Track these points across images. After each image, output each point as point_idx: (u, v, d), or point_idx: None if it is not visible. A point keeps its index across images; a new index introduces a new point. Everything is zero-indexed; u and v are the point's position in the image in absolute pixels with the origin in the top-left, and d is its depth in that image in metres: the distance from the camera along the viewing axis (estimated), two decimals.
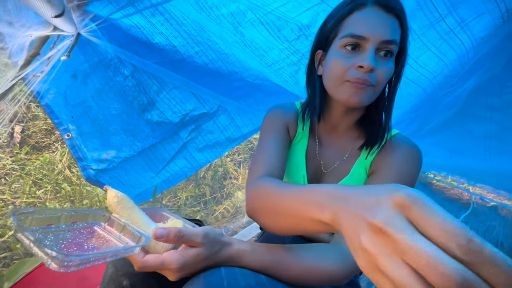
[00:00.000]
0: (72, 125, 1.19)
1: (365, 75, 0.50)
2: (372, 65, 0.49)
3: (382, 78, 0.51)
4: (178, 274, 0.38)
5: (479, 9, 0.65)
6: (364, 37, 0.50)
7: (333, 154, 0.63)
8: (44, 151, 2.18)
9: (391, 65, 0.51)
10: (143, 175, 1.28)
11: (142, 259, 0.37)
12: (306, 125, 0.67)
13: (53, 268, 0.30)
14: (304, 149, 0.66)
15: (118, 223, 0.43)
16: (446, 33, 0.72)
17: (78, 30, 0.73)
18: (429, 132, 0.92)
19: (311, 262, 0.45)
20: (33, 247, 0.32)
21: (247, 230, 1.35)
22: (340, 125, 0.61)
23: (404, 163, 0.54)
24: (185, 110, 1.22)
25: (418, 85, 0.91)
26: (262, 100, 1.27)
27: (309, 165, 0.65)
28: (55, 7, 0.52)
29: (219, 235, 0.42)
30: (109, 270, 0.49)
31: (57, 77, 1.10)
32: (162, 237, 0.37)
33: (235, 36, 1.00)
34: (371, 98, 0.53)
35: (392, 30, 0.49)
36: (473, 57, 0.75)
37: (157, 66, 1.07)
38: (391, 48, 0.50)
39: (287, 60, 1.03)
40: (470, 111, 0.78)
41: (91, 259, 0.32)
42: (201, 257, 0.39)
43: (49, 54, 0.67)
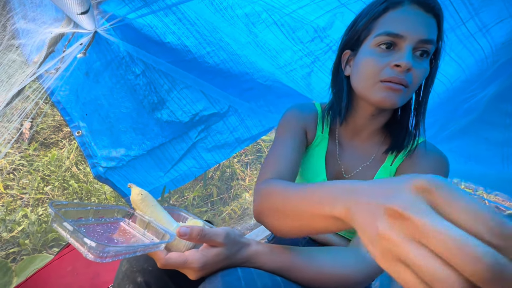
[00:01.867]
0: (83, 123, 1.19)
1: (401, 74, 0.48)
2: (410, 64, 0.47)
3: (417, 78, 0.49)
4: (199, 273, 0.38)
5: (502, 14, 0.64)
6: (401, 36, 0.48)
7: (356, 158, 0.61)
8: (52, 147, 2.20)
9: (427, 65, 0.50)
10: (151, 174, 1.28)
11: (166, 257, 0.38)
12: (326, 128, 0.65)
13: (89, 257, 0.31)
14: (323, 153, 0.64)
15: (142, 220, 0.45)
16: (466, 38, 0.71)
17: (96, 28, 0.73)
18: (445, 139, 0.90)
19: (328, 265, 0.44)
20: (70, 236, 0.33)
21: (255, 232, 1.34)
22: (364, 129, 0.59)
23: (432, 172, 0.53)
24: (195, 110, 1.22)
25: (433, 90, 0.90)
26: (272, 102, 1.26)
27: (329, 169, 0.63)
28: (82, 3, 0.52)
29: (239, 235, 0.42)
30: (123, 266, 0.49)
31: (70, 74, 1.11)
32: (185, 235, 0.37)
33: (248, 37, 0.99)
34: (405, 99, 0.51)
35: (430, 29, 0.48)
36: (492, 63, 0.74)
37: (169, 64, 1.07)
38: (428, 48, 0.48)
39: (300, 62, 1.02)
40: (488, 118, 0.77)
41: (123, 251, 0.34)
42: (221, 257, 0.39)
43: (66, 52, 0.67)
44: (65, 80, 1.13)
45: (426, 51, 0.49)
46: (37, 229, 1.36)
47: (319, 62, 0.99)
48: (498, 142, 0.76)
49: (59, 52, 0.81)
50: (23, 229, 1.35)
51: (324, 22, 0.83)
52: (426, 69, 0.50)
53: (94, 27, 0.72)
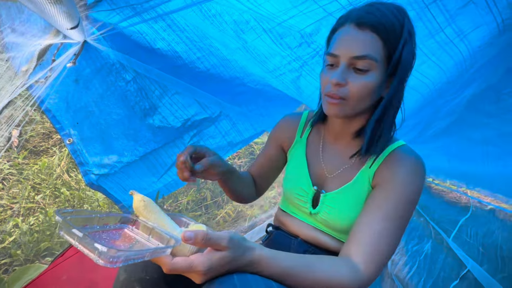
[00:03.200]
0: (74, 130, 1.19)
1: (334, 89, 0.53)
2: (336, 80, 0.52)
3: (353, 90, 0.52)
4: (204, 277, 0.39)
5: (477, 21, 0.67)
6: (336, 55, 0.53)
7: (338, 160, 0.64)
8: (42, 155, 2.17)
9: (368, 78, 0.52)
10: (144, 180, 1.28)
11: (171, 261, 0.38)
12: (306, 133, 0.70)
13: (100, 263, 0.32)
14: (302, 154, 0.68)
15: (145, 226, 0.45)
16: (446, 43, 0.74)
17: (85, 38, 0.73)
18: (429, 138, 0.94)
19: (324, 274, 0.46)
20: (79, 243, 0.34)
21: (249, 234, 1.35)
22: (344, 132, 0.63)
23: (408, 176, 0.54)
24: (187, 115, 1.23)
25: (418, 92, 0.94)
26: (263, 105, 1.28)
27: (312, 169, 0.67)
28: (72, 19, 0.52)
29: (243, 239, 0.43)
30: (121, 276, 0.50)
31: (59, 82, 1.10)
32: (190, 239, 0.38)
33: (237, 43, 1.01)
34: (348, 111, 0.55)
35: (364, 46, 0.50)
36: (471, 66, 0.78)
37: (159, 72, 1.08)
38: (363, 63, 0.51)
39: (289, 67, 1.04)
40: (469, 118, 0.80)
41: (133, 256, 0.34)
42: (226, 260, 0.39)
43: (57, 62, 0.67)
44: (55, 88, 1.12)
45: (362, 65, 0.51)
46: (29, 239, 1.34)
47: (308, 67, 1.02)
48: (479, 141, 0.80)
49: (48, 61, 0.81)
50: (14, 240, 1.33)
51: (310, 29, 0.85)
52: (366, 82, 0.52)
53: (84, 37, 0.73)
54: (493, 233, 0.84)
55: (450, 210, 1.03)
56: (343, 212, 0.59)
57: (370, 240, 0.51)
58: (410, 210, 0.54)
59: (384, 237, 0.51)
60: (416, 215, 1.21)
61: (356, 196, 0.59)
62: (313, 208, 0.64)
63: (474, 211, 0.94)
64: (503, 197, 0.85)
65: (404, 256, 1.05)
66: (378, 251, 0.50)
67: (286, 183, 0.70)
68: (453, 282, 0.86)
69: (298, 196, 0.66)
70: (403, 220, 0.53)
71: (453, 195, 1.08)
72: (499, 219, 0.86)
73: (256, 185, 0.80)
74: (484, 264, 0.81)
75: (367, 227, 0.52)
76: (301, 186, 0.66)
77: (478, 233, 0.88)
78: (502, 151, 0.75)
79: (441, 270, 0.91)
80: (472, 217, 0.94)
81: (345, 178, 0.61)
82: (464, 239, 0.90)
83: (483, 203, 0.94)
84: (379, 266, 0.50)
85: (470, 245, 0.88)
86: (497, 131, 0.75)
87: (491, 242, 0.83)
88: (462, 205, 1.00)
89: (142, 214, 0.47)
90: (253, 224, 1.49)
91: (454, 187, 1.00)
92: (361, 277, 0.49)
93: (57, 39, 0.64)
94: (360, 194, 0.59)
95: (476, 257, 0.84)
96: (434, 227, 1.03)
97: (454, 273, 0.87)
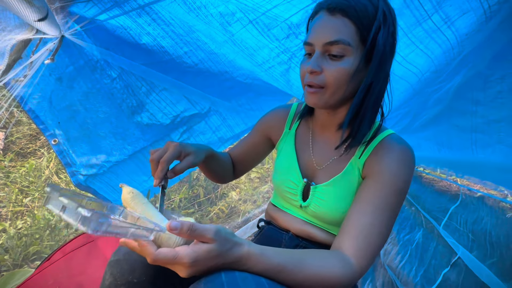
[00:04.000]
0: (59, 130, 1.15)
1: (311, 78, 0.53)
2: (310, 68, 0.51)
3: (330, 77, 0.52)
4: (189, 270, 0.38)
5: (464, 8, 0.67)
6: (311, 43, 0.53)
7: (327, 151, 0.63)
8: (30, 157, 2.11)
9: (344, 64, 0.51)
10: (135, 179, 1.26)
11: (156, 252, 0.37)
12: (295, 125, 0.69)
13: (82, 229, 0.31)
14: (291, 147, 0.68)
15: (132, 216, 0.44)
16: (434, 31, 0.74)
17: (62, 32, 0.70)
18: (419, 128, 0.94)
19: (316, 269, 0.45)
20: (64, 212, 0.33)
21: (243, 229, 1.35)
22: (331, 123, 0.62)
23: (397, 165, 0.54)
24: (176, 111, 1.21)
25: (407, 82, 0.93)
26: (253, 100, 1.26)
27: (301, 161, 0.66)
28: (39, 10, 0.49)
29: (230, 234, 0.41)
30: (106, 280, 0.48)
31: (41, 81, 1.07)
32: (176, 229, 0.37)
33: (224, 36, 0.99)
34: (327, 99, 0.54)
35: (337, 31, 0.50)
36: (458, 53, 0.77)
37: (145, 68, 1.05)
38: (336, 49, 0.50)
39: (277, 59, 1.03)
40: (457, 106, 0.81)
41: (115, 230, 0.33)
42: (212, 253, 0.38)
43: (32, 58, 0.64)
44: (37, 87, 1.08)
45: (337, 51, 0.50)
46: (17, 243, 1.31)
47: (296, 59, 1.00)
48: (467, 129, 0.80)
49: (27, 59, 0.78)
50: (1, 244, 1.30)
51: (297, 19, 0.84)
52: (342, 68, 0.51)
53: (60, 32, 0.69)
54: (482, 220, 0.86)
55: (441, 199, 1.04)
56: (334, 204, 0.59)
57: (361, 232, 0.51)
58: (400, 199, 0.54)
59: (375, 228, 0.51)
60: (407, 204, 1.23)
61: (346, 188, 0.59)
62: (303, 200, 0.64)
63: (464, 199, 0.95)
64: (491, 184, 0.86)
65: (396, 245, 1.06)
66: (369, 243, 0.50)
67: (276, 176, 0.69)
68: (444, 269, 0.87)
69: (288, 189, 0.66)
70: (394, 210, 0.53)
71: (443, 183, 1.09)
72: (488, 206, 0.87)
73: (234, 169, 0.79)
74: (474, 251, 0.82)
75: (357, 219, 0.52)
76: (290, 178, 0.65)
77: (467, 220, 0.90)
78: (490, 138, 0.75)
79: (432, 258, 0.92)
80: (462, 205, 0.95)
81: (335, 170, 0.61)
82: (454, 226, 0.91)
83: (473, 191, 0.95)
84: (370, 258, 0.50)
85: (460, 232, 0.89)
86: (485, 118, 0.75)
87: (480, 228, 0.84)
88: (452, 193, 1.01)
89: (130, 206, 0.46)
90: (246, 219, 1.49)
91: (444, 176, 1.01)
92: (353, 270, 0.48)
93: (31, 34, 0.61)
94: (350, 185, 0.59)
95: (466, 244, 0.85)
96: (425, 216, 1.04)
97: (445, 260, 0.89)
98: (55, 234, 1.40)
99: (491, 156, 0.76)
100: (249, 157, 0.78)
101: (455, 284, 0.82)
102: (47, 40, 0.74)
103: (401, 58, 0.86)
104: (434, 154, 0.95)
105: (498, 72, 0.68)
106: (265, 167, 2.05)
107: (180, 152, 0.55)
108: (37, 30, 0.62)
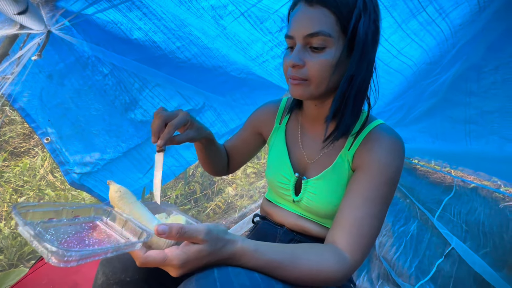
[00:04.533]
0: (51, 128, 1.14)
1: (294, 71, 0.52)
2: (292, 62, 0.51)
3: (314, 70, 0.51)
4: (180, 270, 0.37)
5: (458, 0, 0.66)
6: (291, 36, 0.52)
7: (316, 145, 0.63)
8: (24, 156, 2.09)
9: (326, 56, 0.50)
10: (130, 176, 1.25)
11: (144, 255, 0.36)
12: (285, 120, 0.69)
13: (53, 263, 0.30)
14: (282, 142, 0.67)
15: (120, 218, 0.43)
16: (428, 23, 0.73)
17: (49, 27, 0.68)
18: (413, 120, 0.94)
19: (311, 263, 0.45)
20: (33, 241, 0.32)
21: (239, 225, 1.35)
22: (319, 116, 0.61)
23: (387, 156, 0.53)
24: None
25: (402, 75, 0.93)
26: (248, 95, 1.25)
27: (292, 155, 0.66)
28: (18, 3, 0.47)
29: (223, 232, 0.41)
30: (99, 280, 0.48)
31: (31, 78, 1.05)
32: (164, 233, 0.36)
33: (217, 30, 0.97)
34: (312, 91, 0.53)
35: (316, 22, 0.48)
36: (453, 45, 0.77)
37: (137, 64, 1.03)
38: (317, 41, 0.49)
39: (271, 53, 1.02)
40: (451, 98, 0.81)
41: (91, 254, 0.32)
42: (203, 253, 0.38)
43: (18, 54, 0.63)
44: (26, 85, 1.06)
45: (318, 43, 0.49)
46: (11, 243, 1.30)
47: None
48: (461, 120, 0.81)
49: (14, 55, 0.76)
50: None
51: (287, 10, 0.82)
52: (324, 59, 0.50)
53: (45, 26, 0.68)
54: (475, 210, 0.86)
55: (435, 190, 1.05)
56: (325, 198, 0.59)
57: (353, 225, 0.51)
58: (392, 190, 0.54)
59: (367, 220, 0.51)
60: (402, 197, 1.24)
61: (336, 181, 0.59)
62: (295, 195, 0.64)
63: (458, 190, 0.96)
64: (485, 175, 0.87)
65: (391, 237, 1.07)
66: (362, 235, 0.50)
67: (268, 172, 0.69)
68: (438, 260, 0.88)
69: (280, 184, 0.66)
70: (385, 201, 0.53)
71: (438, 175, 1.10)
72: (482, 197, 0.88)
73: (228, 162, 0.79)
74: (468, 241, 0.83)
75: (350, 212, 0.52)
76: (282, 174, 0.65)
77: (461, 211, 0.90)
78: (484, 129, 0.76)
79: (426, 249, 0.93)
80: (456, 196, 0.96)
81: (325, 163, 0.61)
82: (448, 217, 0.92)
83: (466, 182, 0.95)
84: (364, 250, 0.50)
85: (454, 223, 0.90)
86: (479, 109, 0.75)
87: (474, 219, 0.85)
88: (447, 185, 1.02)
89: (118, 206, 0.44)
90: (243, 215, 1.49)
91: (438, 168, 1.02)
92: (347, 263, 0.48)
93: (14, 29, 0.60)
94: (340, 177, 0.58)
95: (460, 235, 0.86)
96: (419, 207, 1.05)
97: (439, 251, 0.90)
98: None
99: (484, 147, 0.76)
100: (241, 152, 0.78)
101: (449, 274, 0.83)
102: (34, 36, 0.72)
103: (396, 51, 0.85)
104: (429, 146, 0.95)
105: (492, 62, 0.67)
106: (261, 162, 2.05)
107: (187, 122, 0.54)
108: (21, 25, 0.60)
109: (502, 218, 0.78)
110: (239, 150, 0.78)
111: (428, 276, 0.87)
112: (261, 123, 0.74)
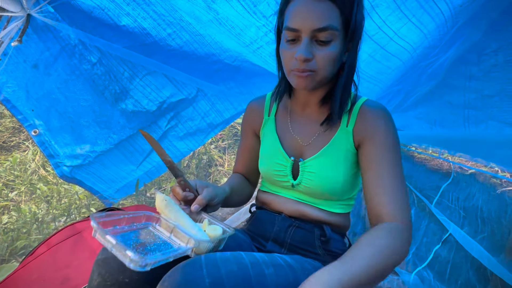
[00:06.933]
0: (39, 120, 1.10)
1: (302, 64, 0.53)
2: (303, 56, 0.51)
3: (322, 62, 0.53)
4: None
5: None
6: (297, 29, 0.51)
7: (309, 128, 0.64)
8: (14, 150, 2.04)
9: (333, 48, 0.52)
10: (123, 169, 1.22)
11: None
12: (273, 110, 0.70)
13: (132, 267, 0.36)
14: (272, 131, 0.68)
15: (167, 225, 0.50)
16: (427, 2, 0.71)
17: (28, 10, 0.64)
18: (410, 106, 0.92)
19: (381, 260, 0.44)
20: (114, 249, 0.38)
21: (236, 215, 1.34)
22: (311, 100, 0.63)
23: (387, 125, 0.58)
24: (161, 97, 1.16)
25: (398, 59, 0.91)
26: (243, 83, 1.22)
27: (285, 142, 0.66)
28: None
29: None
30: (94, 281, 0.46)
31: (15, 68, 1.00)
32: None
33: (208, 14, 0.93)
34: (317, 81, 0.55)
35: (324, 16, 0.50)
36: (452, 26, 0.75)
37: (126, 50, 0.99)
38: (325, 35, 0.51)
39: (266, 38, 0.98)
40: (450, 82, 0.79)
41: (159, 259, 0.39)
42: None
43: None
44: (10, 75, 1.02)
45: (326, 37, 0.51)
46: (3, 238, 1.27)
47: None
48: (460, 105, 0.79)
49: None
50: None
51: None
52: (331, 51, 0.52)
53: (22, 8, 0.63)
54: (473, 196, 0.86)
55: (433, 177, 1.04)
56: (324, 174, 0.60)
57: (387, 194, 0.53)
58: (399, 152, 0.59)
59: (396, 183, 0.54)
60: None
61: (334, 156, 0.60)
62: (294, 179, 0.64)
63: (456, 176, 0.96)
64: (483, 161, 0.86)
65: None
66: (400, 198, 0.53)
67: (262, 163, 0.69)
68: (435, 246, 0.88)
69: (276, 172, 0.65)
70: (399, 162, 0.57)
71: (435, 162, 1.09)
72: (479, 182, 0.87)
73: (250, 182, 0.78)
74: (465, 227, 0.83)
75: (380, 186, 0.54)
76: (277, 161, 0.65)
77: (459, 198, 0.90)
78: (483, 114, 0.74)
79: (424, 236, 0.93)
80: (454, 182, 0.96)
81: (322, 142, 0.62)
82: (446, 204, 0.92)
83: (464, 168, 0.95)
84: (408, 209, 0.53)
85: (451, 209, 0.90)
86: (478, 93, 0.73)
87: (472, 205, 0.85)
88: (444, 172, 1.01)
89: (164, 213, 0.51)
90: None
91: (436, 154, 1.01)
92: (403, 231, 0.49)
93: None
94: (338, 153, 0.60)
95: (457, 221, 0.86)
96: (417, 195, 1.04)
97: (437, 237, 0.90)
98: (43, 227, 1.37)
99: (483, 133, 0.75)
100: (253, 163, 0.74)
101: (446, 260, 0.83)
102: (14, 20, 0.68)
103: (392, 33, 0.82)
104: (426, 133, 0.94)
105: (493, 44, 0.65)
106: None
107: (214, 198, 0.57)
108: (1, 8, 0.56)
109: (500, 203, 0.77)
110: (251, 163, 0.75)
111: (425, 263, 0.87)
112: (253, 122, 0.73)
